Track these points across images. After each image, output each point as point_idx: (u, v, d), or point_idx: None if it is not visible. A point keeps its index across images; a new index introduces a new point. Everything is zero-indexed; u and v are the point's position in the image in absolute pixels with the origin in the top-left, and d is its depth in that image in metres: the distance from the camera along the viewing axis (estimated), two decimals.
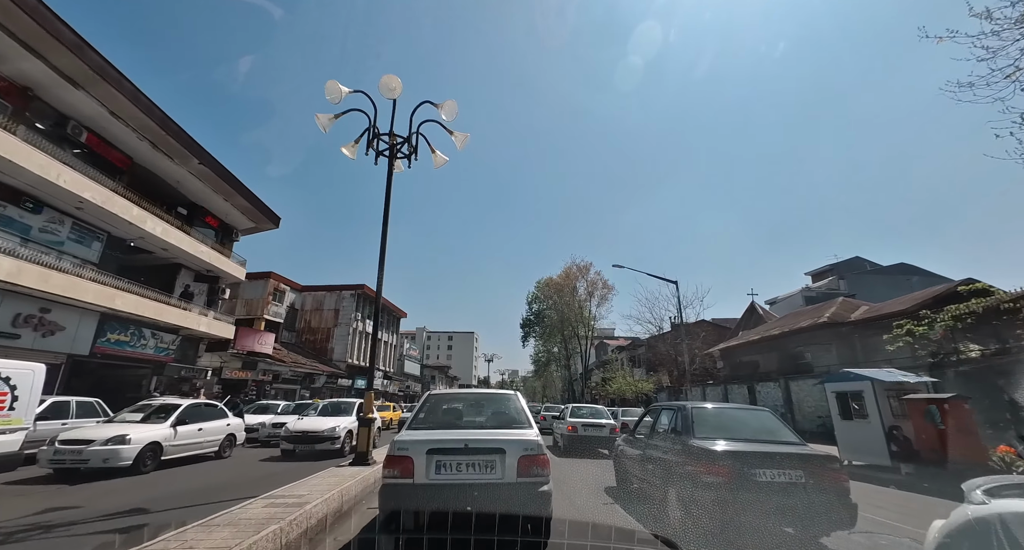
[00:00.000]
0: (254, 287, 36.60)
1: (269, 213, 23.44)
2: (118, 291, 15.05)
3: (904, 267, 44.74)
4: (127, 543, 4.01)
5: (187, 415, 9.27)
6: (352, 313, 40.37)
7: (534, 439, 4.20)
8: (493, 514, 3.61)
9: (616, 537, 4.21)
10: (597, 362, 57.49)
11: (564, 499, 6.28)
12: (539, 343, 62.17)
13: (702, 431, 5.27)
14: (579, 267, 51.89)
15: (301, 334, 40.50)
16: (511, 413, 5.03)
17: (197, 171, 18.64)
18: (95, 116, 14.78)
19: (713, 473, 4.49)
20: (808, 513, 4.28)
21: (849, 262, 48.78)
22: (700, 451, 4.80)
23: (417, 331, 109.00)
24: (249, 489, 6.34)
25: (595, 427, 13.09)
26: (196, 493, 6.60)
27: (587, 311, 51.00)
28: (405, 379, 58.25)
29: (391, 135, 8.49)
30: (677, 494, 4.86)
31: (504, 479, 3.95)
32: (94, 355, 15.12)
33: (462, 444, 4.06)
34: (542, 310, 56.34)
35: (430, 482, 3.92)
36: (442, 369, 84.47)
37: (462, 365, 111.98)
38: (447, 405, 5.48)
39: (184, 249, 18.53)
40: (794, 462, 4.55)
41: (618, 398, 36.10)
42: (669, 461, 5.38)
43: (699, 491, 4.49)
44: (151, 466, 8.17)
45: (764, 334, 23.33)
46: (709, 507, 4.34)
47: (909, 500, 7.52)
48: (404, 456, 3.99)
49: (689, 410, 5.74)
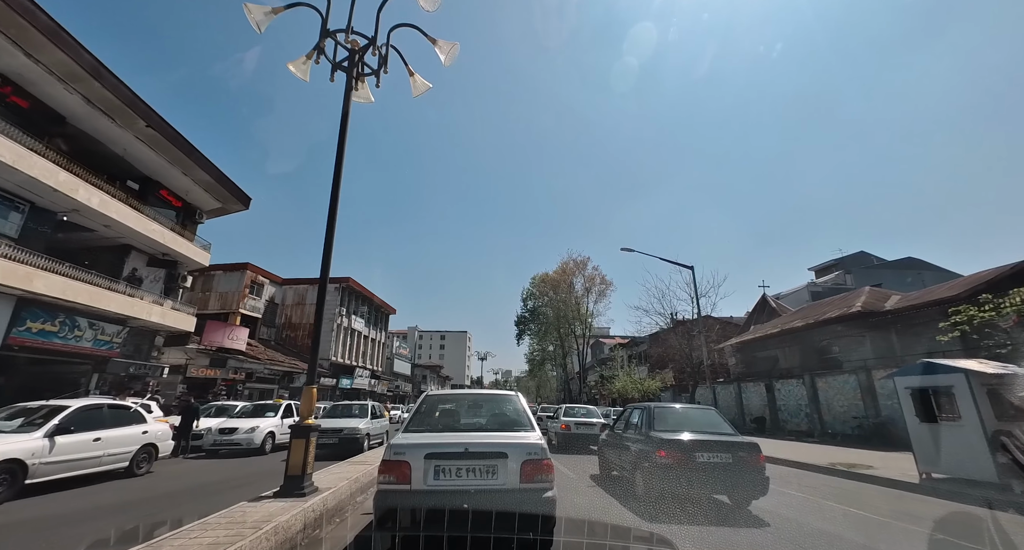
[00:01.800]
0: (229, 279, 34.00)
1: (236, 191, 20.96)
2: (37, 270, 12.56)
3: (912, 261, 43.24)
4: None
5: (75, 421, 6.88)
6: (336, 308, 37.83)
7: (537, 443, 3.99)
8: (494, 522, 3.39)
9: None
10: (595, 361, 55.36)
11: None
12: (534, 341, 59.86)
13: (661, 426, 6.77)
14: (576, 262, 49.74)
15: (281, 330, 37.90)
16: (512, 415, 4.77)
17: (146, 136, 16.16)
18: (10, 61, 12.31)
19: (667, 457, 5.92)
20: (734, 485, 5.82)
21: (855, 256, 47.35)
22: (658, 440, 6.21)
23: (409, 330, 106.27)
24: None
25: (587, 425, 13.90)
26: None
27: (584, 308, 48.84)
28: (394, 379, 55.67)
29: (348, 35, 6.14)
30: (641, 473, 6.28)
31: (506, 485, 3.72)
32: (8, 347, 12.63)
33: (462, 448, 3.80)
34: (537, 307, 54.01)
35: (428, 488, 3.66)
36: (434, 369, 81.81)
37: (455, 365, 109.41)
38: (446, 406, 5.21)
39: (131, 227, 16.03)
40: (725, 448, 5.96)
41: (620, 398, 33.97)
42: (636, 449, 6.79)
43: (657, 470, 5.95)
44: (4, 494, 5.79)
45: (785, 327, 21.27)
46: (663, 481, 5.79)
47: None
48: (401, 461, 3.72)
49: (652, 409, 7.31)
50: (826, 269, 49.11)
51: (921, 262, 43.86)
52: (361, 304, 43.16)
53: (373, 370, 45.87)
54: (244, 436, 11.03)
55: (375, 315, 46.95)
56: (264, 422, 11.87)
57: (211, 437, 11.01)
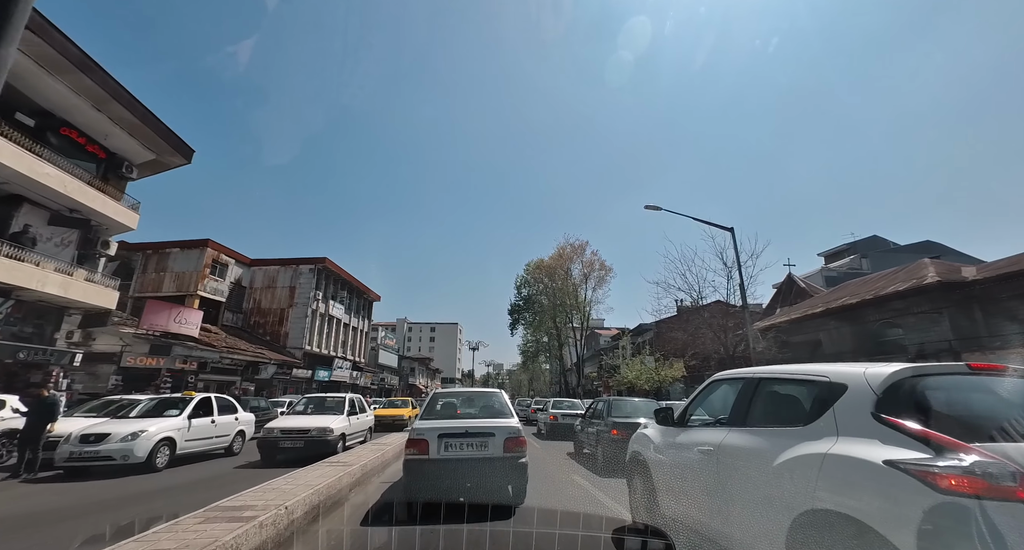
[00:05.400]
0: (187, 257, 30.03)
1: (171, 138, 17.11)
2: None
3: (930, 244, 40.70)
4: None
5: None
6: (311, 291, 34.02)
7: (515, 426, 5.65)
8: (485, 478, 5.20)
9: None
10: (593, 351, 52.18)
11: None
12: (528, 332, 56.47)
13: (617, 413, 9.54)
14: (574, 246, 46.17)
15: (249, 316, 34.01)
16: (498, 407, 6.43)
17: (38, 55, 12.33)
18: None
19: (617, 435, 8.16)
20: None
21: (868, 241, 44.81)
22: (611, 423, 8.84)
23: (398, 322, 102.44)
24: None
25: (571, 416, 14.85)
26: None
27: (582, 295, 45.48)
28: (380, 371, 51.97)
29: None
30: (601, 448, 8.76)
31: (494, 454, 5.35)
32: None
33: (463, 430, 5.47)
34: (532, 295, 50.54)
35: (440, 457, 5.28)
36: (423, 361, 78.05)
37: (445, 357, 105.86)
38: (450, 401, 6.90)
39: (12, 168, 12.21)
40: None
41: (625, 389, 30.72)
42: (597, 431, 9.41)
43: (609, 445, 8.32)
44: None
45: (832, 305, 18.04)
46: (614, 452, 7.64)
47: None
48: (421, 439, 5.36)
49: (611, 401, 10.74)
50: (836, 254, 46.41)
51: (940, 245, 41.45)
52: (340, 288, 39.34)
53: (355, 361, 42.18)
54: (119, 446, 7.40)
55: (357, 301, 43.16)
56: (157, 424, 8.28)
57: (67, 447, 7.37)
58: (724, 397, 3.81)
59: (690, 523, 3.45)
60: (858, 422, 2.38)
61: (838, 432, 2.43)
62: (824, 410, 2.61)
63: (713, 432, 3.50)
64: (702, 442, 3.48)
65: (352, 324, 41.76)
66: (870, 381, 2.48)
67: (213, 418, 9.42)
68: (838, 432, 2.43)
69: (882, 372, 2.50)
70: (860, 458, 2.17)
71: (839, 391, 2.60)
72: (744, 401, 3.39)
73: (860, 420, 2.37)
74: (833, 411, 2.55)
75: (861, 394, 2.46)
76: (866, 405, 2.39)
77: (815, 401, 2.76)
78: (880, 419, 2.28)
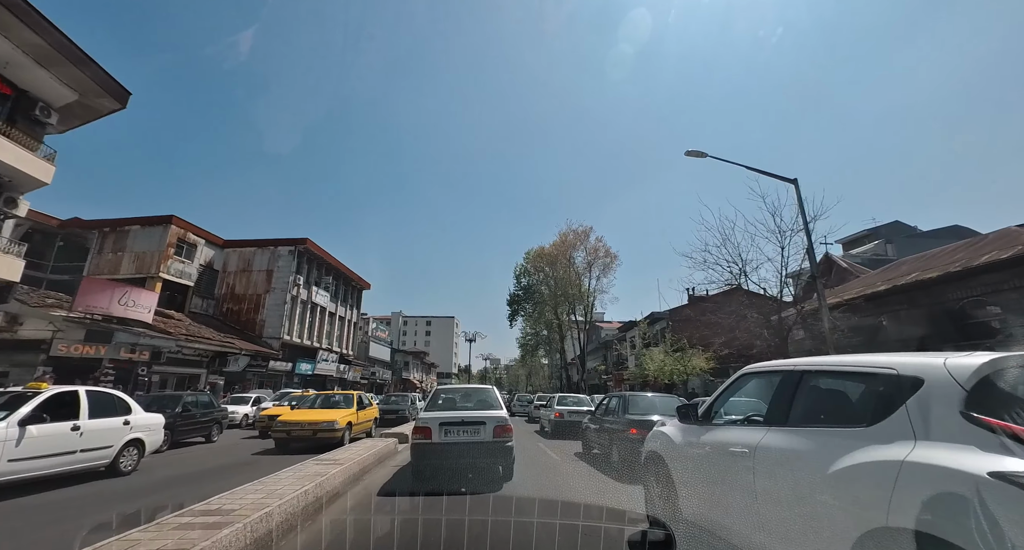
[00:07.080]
0: (149, 236, 26.76)
1: (95, 72, 13.86)
2: None
3: (958, 229, 37.91)
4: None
5: None
6: (290, 275, 30.82)
7: (503, 416, 6.88)
8: (478, 458, 6.52)
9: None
10: (596, 344, 49.24)
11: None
12: (527, 324, 53.49)
13: (634, 410, 8.61)
14: (577, 232, 42.91)
15: (222, 302, 30.82)
16: (489, 401, 7.65)
17: None
18: None
19: (636, 434, 7.43)
20: None
21: (890, 226, 41.96)
22: (630, 421, 8.08)
23: (392, 315, 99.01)
24: None
25: (578, 413, 13.89)
26: None
27: (586, 285, 42.38)
28: (370, 365, 48.82)
29: None
30: (617, 448, 8.17)
31: (485, 439, 6.56)
32: None
33: (460, 419, 6.70)
34: (532, 285, 47.50)
35: (441, 442, 6.48)
36: (418, 355, 74.94)
37: (442, 352, 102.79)
38: (449, 396, 8.25)
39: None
40: None
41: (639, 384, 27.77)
42: (613, 429, 8.64)
43: (627, 443, 7.62)
44: None
45: (900, 281, 15.01)
46: (632, 453, 6.66)
47: None
48: (426, 427, 6.54)
49: (627, 397, 9.33)
50: (856, 241, 43.48)
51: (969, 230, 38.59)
52: (325, 274, 36.11)
53: (342, 353, 39.06)
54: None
55: (344, 289, 39.99)
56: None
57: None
58: (758, 392, 3.62)
59: (716, 529, 3.19)
60: (943, 423, 2.01)
61: (915, 435, 2.06)
62: (893, 409, 2.23)
63: (747, 431, 3.17)
64: (734, 442, 3.16)
65: (339, 313, 38.61)
66: (955, 374, 2.05)
67: (77, 423, 6.33)
68: (915, 435, 2.06)
69: (970, 363, 2.07)
70: (954, 468, 1.80)
71: (913, 386, 2.19)
72: (785, 397, 3.03)
73: (945, 421, 2.00)
74: (906, 409, 2.16)
75: (944, 389, 2.06)
76: (952, 403, 2.01)
77: (879, 397, 2.38)
78: (973, 419, 1.90)
